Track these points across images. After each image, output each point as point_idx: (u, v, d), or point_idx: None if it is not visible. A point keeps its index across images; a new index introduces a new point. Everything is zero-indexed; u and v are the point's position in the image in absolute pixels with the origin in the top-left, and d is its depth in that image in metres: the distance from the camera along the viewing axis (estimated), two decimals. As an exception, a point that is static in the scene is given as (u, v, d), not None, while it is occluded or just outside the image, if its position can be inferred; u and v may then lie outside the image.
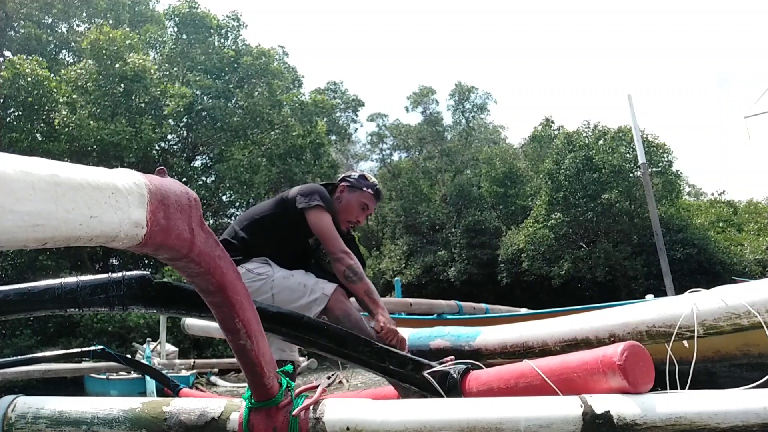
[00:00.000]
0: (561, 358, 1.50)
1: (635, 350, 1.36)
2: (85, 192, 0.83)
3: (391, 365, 1.88)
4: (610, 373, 1.34)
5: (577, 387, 1.42)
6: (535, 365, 1.51)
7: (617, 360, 1.33)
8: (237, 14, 21.94)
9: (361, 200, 2.70)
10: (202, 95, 19.89)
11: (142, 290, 1.67)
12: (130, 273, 1.70)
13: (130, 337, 13.39)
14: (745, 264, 21.25)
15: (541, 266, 22.66)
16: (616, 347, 1.36)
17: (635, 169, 20.70)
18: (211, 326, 4.04)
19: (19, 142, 15.20)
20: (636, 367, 1.34)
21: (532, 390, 1.49)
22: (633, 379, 1.32)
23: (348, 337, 1.96)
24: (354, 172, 2.84)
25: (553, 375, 1.46)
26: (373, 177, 2.86)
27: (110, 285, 1.66)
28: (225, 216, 21.53)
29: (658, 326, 1.87)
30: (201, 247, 1.09)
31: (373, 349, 1.93)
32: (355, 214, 2.71)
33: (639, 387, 1.33)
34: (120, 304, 1.67)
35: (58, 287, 1.63)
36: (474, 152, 31.14)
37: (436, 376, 1.80)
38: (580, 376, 1.41)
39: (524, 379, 1.53)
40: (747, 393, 1.28)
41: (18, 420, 1.62)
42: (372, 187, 2.75)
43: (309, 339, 1.92)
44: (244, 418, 1.43)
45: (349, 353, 1.92)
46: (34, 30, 19.74)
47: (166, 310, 1.79)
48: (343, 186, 2.74)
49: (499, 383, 1.60)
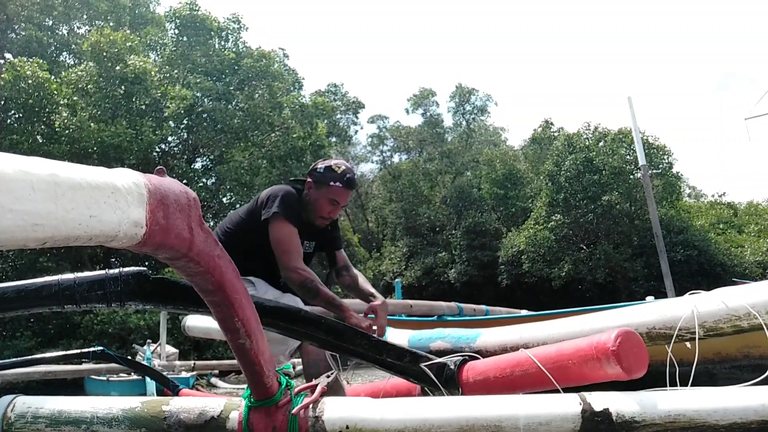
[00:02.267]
0: (556, 346, 1.52)
1: (629, 336, 1.37)
2: (85, 191, 0.83)
3: (389, 357, 1.88)
4: (605, 359, 1.35)
5: (572, 374, 1.44)
6: (531, 354, 1.52)
7: (611, 346, 1.34)
8: (237, 16, 21.96)
9: (329, 197, 2.52)
10: (202, 97, 19.90)
11: (139, 286, 1.66)
12: (127, 269, 1.68)
13: (131, 339, 13.38)
14: (746, 266, 21.22)
15: (541, 268, 22.66)
16: (610, 333, 1.37)
17: (635, 171, 20.71)
18: (212, 328, 4.03)
19: (20, 144, 15.20)
20: (630, 353, 1.34)
21: (529, 378, 1.50)
22: (627, 364, 1.33)
23: (345, 330, 1.95)
24: (321, 163, 2.59)
25: (548, 363, 1.47)
26: (343, 163, 2.59)
27: (107, 281, 1.65)
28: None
29: (658, 328, 1.87)
30: (200, 246, 1.09)
31: (370, 342, 1.93)
32: (326, 210, 2.55)
33: (633, 373, 1.34)
34: (117, 301, 1.66)
35: (55, 284, 1.63)
36: (474, 154, 31.18)
37: (433, 368, 1.80)
38: (576, 363, 1.42)
39: (520, 367, 1.53)
40: (746, 390, 1.28)
41: (17, 419, 1.62)
42: (341, 179, 2.50)
43: (307, 333, 1.92)
44: (243, 417, 1.43)
45: (346, 346, 1.92)
46: (35, 32, 19.75)
47: (163, 305, 1.78)
48: (309, 183, 2.56)
49: (495, 372, 1.61)
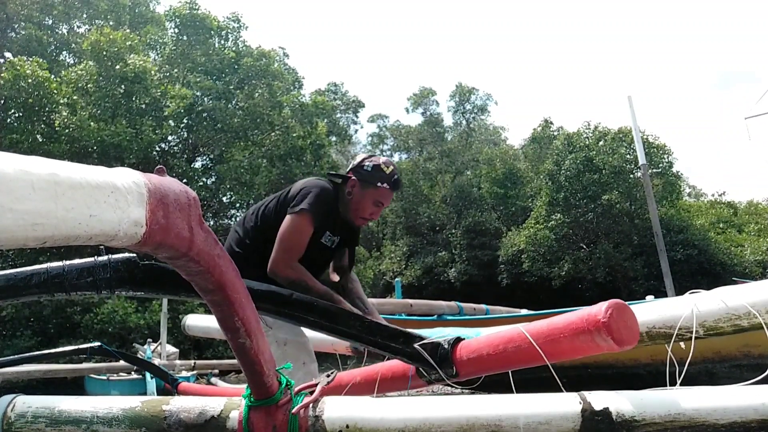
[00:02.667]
0: (548, 321, 1.51)
1: (619, 307, 1.36)
2: (85, 191, 0.83)
3: (382, 339, 1.87)
4: (596, 332, 1.34)
5: (564, 348, 1.43)
6: (523, 328, 1.52)
7: (602, 318, 1.33)
8: (237, 16, 21.95)
9: (374, 198, 2.42)
10: (202, 96, 19.90)
11: (129, 273, 1.64)
12: (117, 255, 1.65)
13: (131, 338, 13.39)
14: (746, 265, 21.22)
15: (541, 267, 22.66)
16: (601, 306, 1.36)
17: (635, 170, 20.69)
18: (212, 327, 4.04)
19: (20, 144, 15.19)
20: (621, 324, 1.33)
21: (522, 354, 1.50)
22: (618, 336, 1.32)
23: (338, 313, 1.94)
24: (367, 161, 2.46)
25: (540, 338, 1.47)
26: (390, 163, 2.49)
27: (97, 268, 1.62)
28: (225, 217, 21.51)
29: (658, 327, 1.87)
30: (200, 245, 1.09)
31: (363, 323, 1.92)
32: (369, 211, 2.45)
33: (624, 344, 1.33)
34: (107, 288, 1.63)
35: (44, 272, 1.61)
36: (474, 153, 31.15)
37: (427, 347, 1.79)
38: (567, 336, 1.41)
39: (512, 343, 1.53)
40: (746, 389, 1.28)
41: (17, 419, 1.62)
42: (389, 180, 2.42)
43: (299, 316, 1.89)
44: (243, 417, 1.43)
45: (339, 328, 1.91)
46: (35, 31, 19.74)
47: (153, 292, 1.75)
48: (354, 180, 2.43)
49: (488, 350, 1.60)
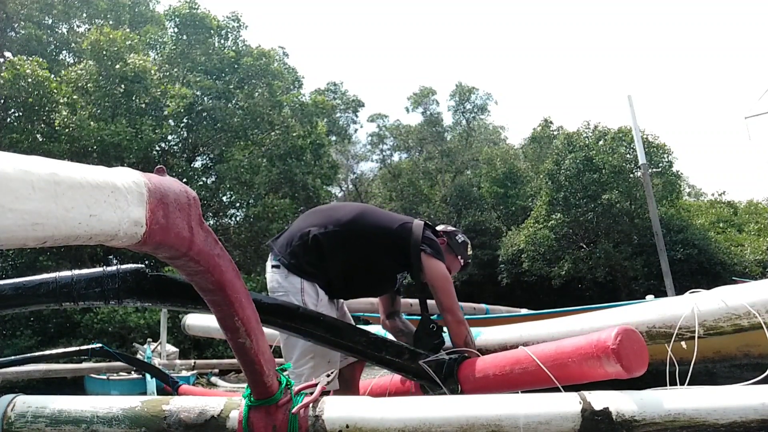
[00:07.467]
0: (556, 344, 1.49)
1: (629, 334, 1.34)
2: (85, 191, 0.83)
3: (388, 355, 1.87)
4: (605, 358, 1.32)
5: (571, 372, 1.41)
6: (530, 351, 1.50)
7: (611, 344, 1.31)
8: (237, 15, 21.94)
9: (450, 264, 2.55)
10: (202, 96, 19.89)
11: (137, 283, 1.66)
12: (125, 266, 1.68)
13: (131, 338, 13.39)
14: (746, 264, 21.22)
15: (541, 267, 22.64)
16: (610, 332, 1.35)
17: (635, 170, 20.69)
18: (212, 327, 4.03)
19: (20, 143, 15.19)
20: (630, 352, 1.32)
21: (528, 376, 1.48)
22: (627, 363, 1.31)
23: (344, 328, 1.94)
24: (461, 235, 2.71)
25: (547, 361, 1.45)
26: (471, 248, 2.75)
27: (105, 278, 1.64)
28: (225, 216, 21.51)
29: (658, 327, 1.87)
30: (200, 245, 1.09)
31: (369, 339, 1.92)
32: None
33: (633, 371, 1.32)
34: (115, 298, 1.65)
35: (52, 281, 1.62)
36: (474, 153, 31.14)
37: (432, 365, 1.79)
38: (575, 361, 1.39)
39: (519, 365, 1.51)
40: (745, 390, 1.28)
41: (18, 419, 1.61)
42: (466, 260, 2.65)
43: (306, 330, 1.90)
44: (243, 416, 1.43)
45: (345, 343, 1.91)
46: (35, 31, 19.72)
47: (161, 303, 1.77)
48: (444, 243, 2.59)
49: (494, 370, 1.59)
